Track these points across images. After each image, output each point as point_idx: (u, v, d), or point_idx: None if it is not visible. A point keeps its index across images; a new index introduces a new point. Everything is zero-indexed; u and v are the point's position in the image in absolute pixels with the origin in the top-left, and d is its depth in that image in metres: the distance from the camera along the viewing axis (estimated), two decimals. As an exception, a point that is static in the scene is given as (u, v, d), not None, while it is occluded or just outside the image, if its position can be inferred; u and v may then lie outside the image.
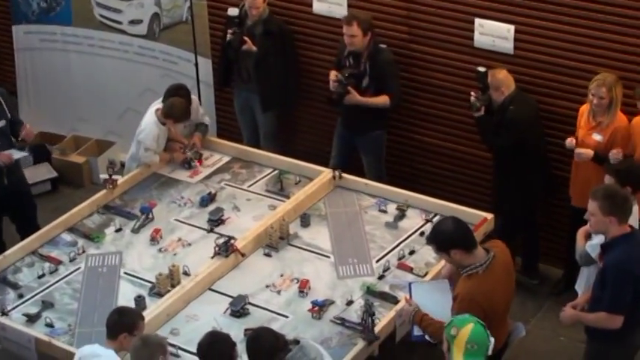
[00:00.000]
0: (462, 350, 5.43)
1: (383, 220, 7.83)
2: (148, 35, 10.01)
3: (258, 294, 7.11)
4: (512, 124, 7.95)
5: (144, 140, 8.37)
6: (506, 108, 7.99)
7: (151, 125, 8.38)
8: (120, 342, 6.04)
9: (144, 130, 8.39)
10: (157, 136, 8.39)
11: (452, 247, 6.14)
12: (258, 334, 5.88)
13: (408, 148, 9.10)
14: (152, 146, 8.37)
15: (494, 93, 8.05)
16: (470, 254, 6.15)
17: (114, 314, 6.15)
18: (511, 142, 7.98)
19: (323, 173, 8.28)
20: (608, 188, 6.37)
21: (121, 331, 6.04)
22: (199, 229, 7.80)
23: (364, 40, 8.45)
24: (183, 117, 8.44)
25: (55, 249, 7.73)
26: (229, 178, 8.47)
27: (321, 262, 7.43)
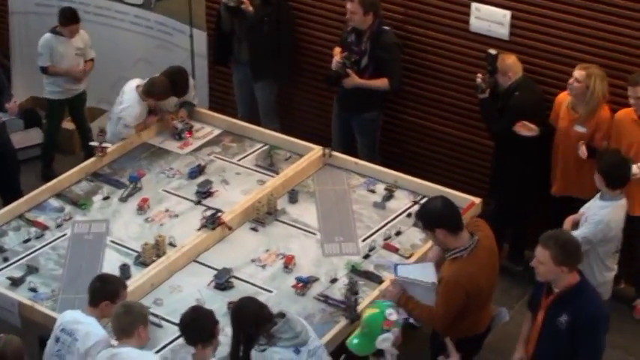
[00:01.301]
0: (360, 327, 5.85)
1: (371, 200, 7.83)
2: (144, 5, 9.97)
3: (243, 268, 7.11)
4: (516, 110, 7.93)
5: (125, 117, 8.37)
6: (511, 94, 7.97)
7: (133, 103, 8.39)
8: (101, 309, 6.04)
9: (126, 108, 8.39)
10: (138, 113, 8.41)
11: (437, 226, 6.17)
12: (243, 303, 5.88)
13: (401, 130, 9.10)
14: (132, 124, 8.38)
15: (501, 77, 8.01)
16: (455, 236, 6.17)
17: (96, 281, 6.14)
18: (511, 128, 7.94)
19: (313, 150, 8.27)
20: (560, 236, 5.92)
21: (103, 299, 6.04)
22: (187, 201, 7.80)
23: (365, 19, 8.41)
24: (164, 95, 8.45)
25: (42, 214, 7.71)
26: (219, 151, 8.45)
27: (308, 239, 7.43)
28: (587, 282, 6.03)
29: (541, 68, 8.17)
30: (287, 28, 9.17)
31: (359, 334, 5.83)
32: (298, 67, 9.38)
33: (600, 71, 7.64)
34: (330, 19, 9.05)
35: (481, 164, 8.69)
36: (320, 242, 7.39)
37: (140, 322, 5.80)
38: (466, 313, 6.25)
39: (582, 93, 7.64)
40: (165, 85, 8.41)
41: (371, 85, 8.59)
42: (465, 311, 6.23)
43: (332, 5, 8.99)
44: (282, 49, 9.16)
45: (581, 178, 7.71)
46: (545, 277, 5.94)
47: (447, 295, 6.16)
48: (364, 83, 8.57)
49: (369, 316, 5.82)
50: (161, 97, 8.44)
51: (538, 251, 5.88)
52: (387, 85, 8.58)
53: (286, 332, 5.71)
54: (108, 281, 6.14)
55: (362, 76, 8.57)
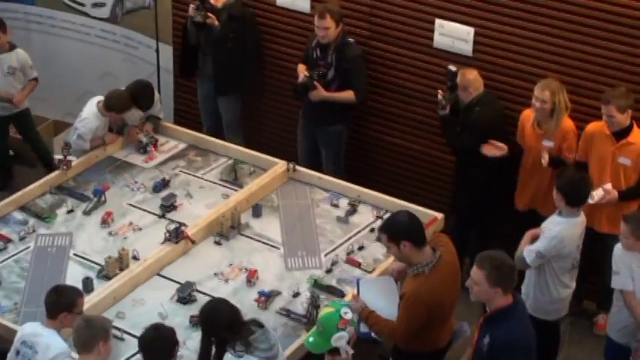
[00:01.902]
0: (315, 326, 5.81)
1: (334, 215, 7.86)
2: (110, 19, 9.99)
3: (206, 281, 7.12)
4: (477, 125, 7.97)
5: (80, 128, 8.38)
6: (472, 109, 8.03)
7: (91, 116, 8.40)
8: (60, 321, 6.02)
9: (83, 120, 8.40)
10: (94, 126, 8.40)
11: (403, 239, 6.15)
12: (216, 305, 5.88)
13: (364, 145, 9.13)
14: (86, 136, 8.37)
15: (462, 93, 8.06)
16: (418, 250, 6.18)
17: (52, 294, 6.09)
18: (474, 144, 8.00)
19: (277, 165, 8.30)
20: (495, 258, 5.80)
21: (61, 311, 6.01)
22: (151, 214, 7.80)
23: (337, 31, 8.47)
24: (123, 108, 8.45)
25: (6, 227, 7.69)
26: (184, 165, 8.46)
27: (271, 253, 7.45)
28: (518, 306, 5.90)
29: (504, 85, 8.23)
30: (253, 44, 9.20)
31: (315, 333, 5.82)
32: (263, 81, 9.41)
33: (558, 83, 7.73)
34: (295, 34, 9.09)
35: (444, 179, 8.73)
36: (283, 256, 7.41)
37: (100, 337, 5.76)
38: (427, 327, 6.26)
39: (550, 111, 7.71)
40: (123, 98, 8.41)
41: (337, 97, 8.62)
42: (426, 326, 6.25)
43: (297, 21, 9.03)
44: (247, 64, 9.17)
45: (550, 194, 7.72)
46: (478, 298, 5.89)
47: (409, 310, 6.17)
48: (330, 96, 8.61)
49: (325, 315, 5.80)
50: (121, 111, 8.43)
51: (473, 271, 5.82)
52: (352, 98, 8.62)
53: (263, 342, 5.72)
54: (63, 292, 6.10)
55: (329, 89, 8.60)
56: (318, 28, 8.47)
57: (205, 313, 5.87)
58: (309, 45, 8.74)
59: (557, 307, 7.17)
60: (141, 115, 8.66)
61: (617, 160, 7.61)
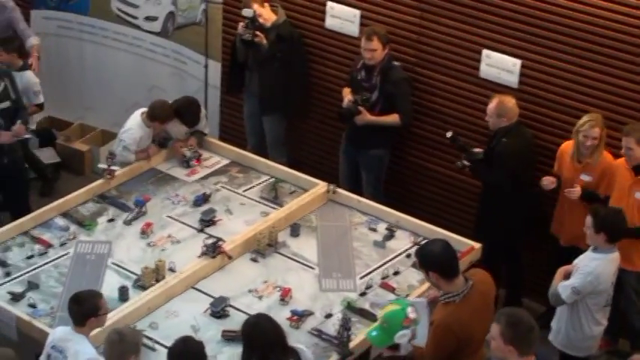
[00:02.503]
0: (379, 322, 5.88)
1: (371, 239, 7.87)
2: (161, 33, 10.08)
3: (240, 297, 7.15)
4: (502, 157, 7.98)
5: (125, 139, 8.47)
6: (499, 140, 8.02)
7: (135, 127, 8.49)
8: (89, 326, 6.12)
9: (127, 131, 8.50)
10: (138, 137, 8.48)
11: (431, 269, 6.14)
12: (260, 320, 5.92)
13: (405, 170, 9.15)
14: (131, 146, 8.46)
15: (496, 120, 8.04)
16: (448, 281, 6.14)
17: (73, 305, 6.14)
18: (505, 178, 7.98)
19: (318, 186, 8.33)
20: (513, 314, 5.60)
21: (87, 318, 6.10)
22: (190, 228, 7.85)
23: (383, 54, 8.52)
24: (166, 118, 8.52)
25: (47, 232, 7.79)
26: (226, 180, 8.51)
27: (306, 272, 7.47)
28: None
29: (546, 117, 8.23)
30: (299, 65, 9.25)
31: (378, 328, 5.86)
32: (309, 102, 9.47)
33: (600, 116, 7.74)
34: (342, 57, 9.13)
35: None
36: (318, 277, 7.43)
37: (132, 352, 5.83)
38: (457, 356, 6.22)
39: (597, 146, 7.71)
40: (166, 108, 8.51)
41: (382, 121, 8.65)
42: (456, 355, 6.20)
43: (344, 44, 9.07)
44: (293, 84, 9.23)
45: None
46: (494, 354, 5.65)
47: (437, 339, 6.12)
48: (375, 120, 8.64)
49: (391, 313, 5.82)
50: (164, 120, 8.51)
51: (492, 325, 5.63)
52: (397, 121, 8.66)
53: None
54: (84, 300, 6.15)
55: (372, 111, 8.64)
56: (365, 50, 8.52)
57: (248, 328, 5.90)
58: (354, 67, 8.79)
59: (588, 344, 7.12)
60: (186, 129, 8.74)
61: (634, 195, 7.56)
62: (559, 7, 7.93)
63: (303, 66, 9.30)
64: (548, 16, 7.99)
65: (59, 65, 10.87)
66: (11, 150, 8.61)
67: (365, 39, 8.53)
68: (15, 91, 8.55)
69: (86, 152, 10.51)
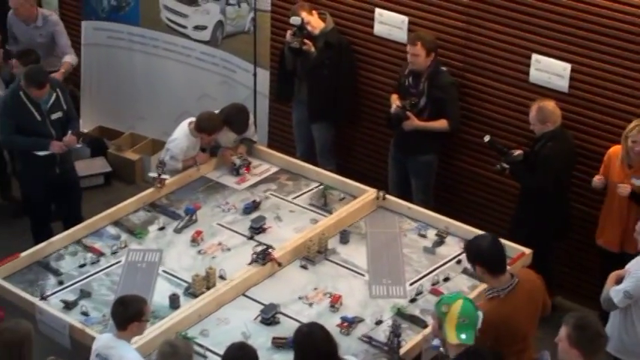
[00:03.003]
0: (455, 324, 5.76)
1: (421, 245, 7.85)
2: (210, 42, 10.14)
3: (290, 304, 7.16)
4: (549, 160, 7.94)
5: (172, 149, 8.53)
6: (544, 144, 7.98)
7: (181, 137, 8.55)
8: (130, 330, 6.18)
9: (174, 140, 8.56)
10: (185, 147, 8.54)
11: (478, 263, 6.26)
12: (312, 329, 5.93)
13: (454, 176, 9.12)
14: (178, 156, 8.51)
15: (539, 125, 8.01)
16: (494, 276, 6.23)
17: (118, 306, 6.22)
18: (549, 182, 7.95)
19: (367, 192, 8.32)
20: (582, 318, 5.61)
21: (130, 321, 6.16)
22: (240, 235, 7.88)
23: (427, 61, 8.51)
24: (214, 130, 8.57)
25: (99, 240, 7.86)
26: (275, 188, 8.54)
27: (356, 279, 7.47)
28: None
29: (597, 122, 8.16)
30: (348, 72, 9.26)
31: (463, 328, 5.76)
32: (357, 109, 9.47)
33: None
34: (390, 64, 9.13)
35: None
36: (368, 283, 7.42)
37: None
38: (506, 354, 6.20)
39: None
40: (214, 120, 8.54)
41: (430, 127, 8.64)
42: (505, 352, 6.18)
43: (393, 50, 9.07)
44: (341, 92, 9.24)
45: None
46: (561, 357, 5.65)
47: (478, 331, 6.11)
48: (423, 125, 8.63)
49: (463, 308, 5.76)
50: (211, 132, 8.55)
51: (561, 327, 5.63)
52: (446, 126, 8.64)
53: None
54: (129, 303, 6.23)
55: (420, 117, 8.63)
56: (409, 54, 8.53)
57: (300, 336, 5.92)
58: (401, 73, 8.79)
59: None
60: (235, 137, 8.78)
61: None
62: (609, 10, 7.86)
63: (351, 73, 9.30)
64: (598, 20, 7.93)
65: (110, 76, 10.97)
66: (63, 160, 8.71)
67: (409, 44, 8.56)
68: (66, 101, 8.65)
69: (137, 161, 10.60)
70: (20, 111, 8.46)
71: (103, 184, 10.57)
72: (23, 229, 9.17)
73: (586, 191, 8.29)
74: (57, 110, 8.57)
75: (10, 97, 8.55)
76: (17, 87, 8.53)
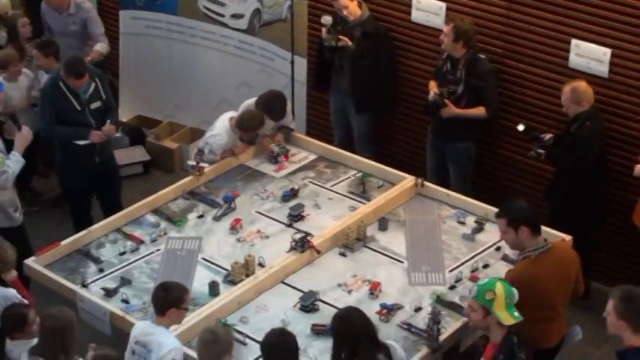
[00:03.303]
0: (504, 306, 5.99)
1: (460, 232, 7.84)
2: (248, 30, 10.15)
3: (329, 292, 7.18)
4: (589, 140, 7.94)
5: (212, 144, 8.57)
6: (582, 123, 7.97)
7: (223, 133, 8.58)
8: (169, 317, 6.22)
9: (215, 135, 8.59)
10: (225, 143, 8.58)
11: (522, 224, 6.45)
12: (350, 313, 5.99)
13: (493, 162, 9.09)
14: (217, 151, 8.55)
15: (573, 106, 8.00)
16: (533, 237, 6.49)
17: (160, 291, 6.28)
18: (592, 161, 7.95)
19: (406, 180, 8.32)
20: (628, 290, 5.68)
21: (170, 307, 6.21)
22: (279, 223, 7.91)
23: (453, 46, 8.49)
24: (255, 128, 8.62)
25: (139, 229, 7.92)
26: (314, 176, 8.56)
27: (395, 266, 7.47)
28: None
29: (637, 107, 8.11)
30: (388, 60, 9.26)
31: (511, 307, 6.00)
32: (395, 96, 9.46)
33: None
34: (428, 50, 9.11)
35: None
36: (407, 271, 7.43)
37: (226, 352, 5.92)
38: (531, 319, 6.24)
39: None
40: (256, 119, 8.59)
41: (468, 114, 8.62)
42: (532, 317, 6.24)
43: (430, 36, 9.04)
44: (384, 81, 9.24)
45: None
46: (610, 330, 5.74)
47: None
48: (461, 112, 8.61)
49: (506, 291, 5.99)
50: (252, 131, 8.61)
51: (609, 302, 5.72)
52: (484, 114, 8.61)
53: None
54: (171, 289, 6.28)
55: (458, 104, 8.61)
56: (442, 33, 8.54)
57: (338, 321, 5.95)
58: (439, 58, 8.77)
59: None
60: (273, 125, 8.80)
61: None
62: (649, -6, 7.82)
63: (391, 61, 9.29)
64: (638, 4, 7.86)
65: (148, 65, 11.03)
66: (103, 149, 8.76)
67: (445, 22, 8.57)
68: (105, 91, 8.69)
69: (175, 150, 10.65)
70: (60, 101, 8.51)
71: (142, 173, 10.64)
72: (64, 217, 9.26)
73: (625, 176, 8.25)
74: (96, 100, 8.62)
75: (49, 87, 8.61)
76: (57, 77, 8.58)
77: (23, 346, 6.42)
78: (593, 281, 8.52)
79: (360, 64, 9.11)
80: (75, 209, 9.06)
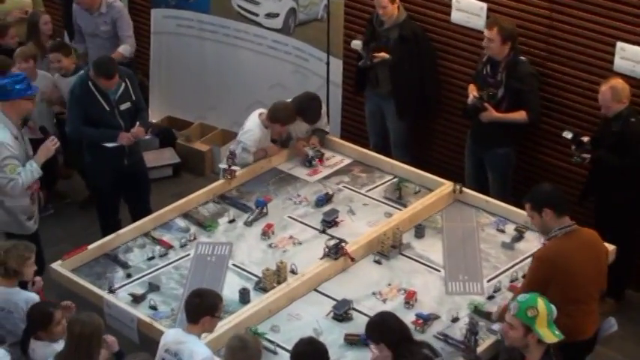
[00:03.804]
0: (546, 323, 5.89)
1: (499, 240, 7.79)
2: (282, 30, 10.15)
3: (363, 300, 7.15)
4: (637, 136, 7.89)
5: (245, 141, 8.54)
6: (627, 121, 7.92)
7: (254, 128, 8.55)
8: (202, 325, 6.20)
9: (246, 132, 8.57)
10: (258, 138, 8.54)
11: (545, 206, 6.58)
12: (384, 317, 6.03)
13: (533, 168, 9.02)
14: (251, 148, 8.53)
15: (615, 105, 7.93)
16: (559, 218, 6.60)
17: (194, 297, 6.26)
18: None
19: (444, 185, 8.28)
20: None
21: (203, 314, 6.19)
22: (312, 229, 7.90)
23: (502, 49, 8.42)
24: (287, 120, 8.57)
25: (168, 233, 7.92)
26: (348, 180, 8.53)
27: (431, 275, 7.44)
28: None
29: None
30: (429, 63, 9.22)
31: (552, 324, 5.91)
32: (438, 100, 9.41)
33: None
34: (467, 52, 9.07)
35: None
36: (444, 280, 7.39)
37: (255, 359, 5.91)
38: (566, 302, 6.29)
39: None
40: (288, 110, 8.54)
41: (508, 118, 8.55)
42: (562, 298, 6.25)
43: (470, 38, 9.00)
44: (427, 85, 9.22)
45: None
46: None
47: (533, 269, 6.61)
48: (502, 117, 8.55)
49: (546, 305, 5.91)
50: (285, 123, 8.56)
51: None
52: (525, 118, 8.54)
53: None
54: (205, 296, 6.27)
55: (498, 109, 8.55)
56: (485, 38, 8.46)
57: (372, 325, 5.96)
58: (479, 61, 8.72)
59: None
60: (307, 127, 8.78)
61: None
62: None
63: (433, 64, 9.25)
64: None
65: (179, 64, 11.05)
66: (132, 151, 8.76)
67: (486, 27, 8.49)
68: (135, 91, 8.69)
69: (206, 152, 10.67)
70: (89, 101, 8.50)
71: (172, 176, 10.65)
72: (91, 221, 9.27)
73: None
74: (126, 100, 8.61)
75: (78, 87, 8.59)
76: (86, 77, 8.57)
77: (45, 347, 6.44)
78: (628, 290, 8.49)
79: (400, 70, 9.08)
80: (102, 212, 9.06)
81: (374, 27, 9.15)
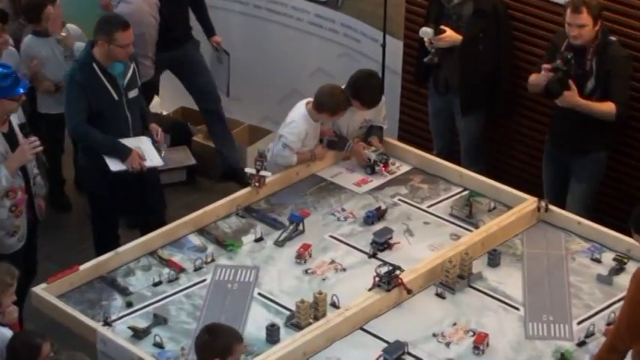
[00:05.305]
0: None
1: (594, 272, 7.80)
2: (328, 2, 10.17)
3: (421, 343, 7.16)
4: None
5: (287, 134, 8.54)
6: None
7: (298, 119, 8.56)
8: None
9: (290, 124, 8.58)
10: (303, 132, 8.55)
11: None
12: None
13: (631, 181, 9.00)
14: (293, 144, 8.54)
15: None
16: None
17: (204, 334, 6.31)
18: None
19: (525, 202, 8.29)
20: None
21: (213, 356, 6.22)
22: (359, 252, 7.94)
23: (595, 31, 8.43)
24: (338, 108, 8.54)
25: (179, 252, 7.98)
26: (406, 192, 8.58)
27: (507, 314, 7.45)
28: None
29: None
30: (507, 46, 9.26)
31: None
32: (511, 93, 9.42)
33: None
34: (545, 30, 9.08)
35: None
36: (523, 320, 7.39)
37: None
38: None
39: None
40: (338, 95, 8.52)
41: (593, 108, 8.51)
42: None
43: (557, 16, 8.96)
44: (501, 72, 9.26)
45: None
46: None
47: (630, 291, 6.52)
48: (585, 104, 8.50)
49: None
50: (335, 111, 8.54)
51: None
52: (612, 110, 8.51)
53: None
54: (219, 333, 6.30)
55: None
56: (571, 25, 8.44)
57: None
58: (550, 47, 8.71)
59: None
60: (362, 119, 8.78)
61: None
62: None
63: (511, 47, 9.28)
64: None
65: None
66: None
67: (571, 11, 8.42)
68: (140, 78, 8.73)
69: (227, 152, 10.72)
70: (94, 88, 8.45)
71: (186, 181, 10.72)
72: (84, 235, 9.34)
73: None
74: (134, 87, 8.61)
75: (79, 72, 8.51)
76: (88, 56, 8.51)
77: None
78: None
79: (472, 51, 9.10)
80: (98, 224, 9.02)
81: (440, 4, 9.14)
